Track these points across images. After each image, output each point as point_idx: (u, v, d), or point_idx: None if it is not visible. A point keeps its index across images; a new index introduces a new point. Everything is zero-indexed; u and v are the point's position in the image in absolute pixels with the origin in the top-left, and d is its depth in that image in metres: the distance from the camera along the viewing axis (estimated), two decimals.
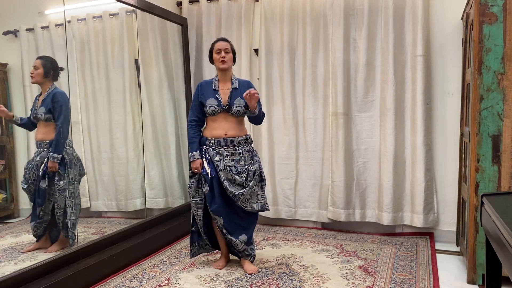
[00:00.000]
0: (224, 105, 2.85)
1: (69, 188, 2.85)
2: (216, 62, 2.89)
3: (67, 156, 2.84)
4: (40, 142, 2.80)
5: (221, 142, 2.86)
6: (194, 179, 2.89)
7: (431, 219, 3.55)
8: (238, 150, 2.87)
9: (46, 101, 2.77)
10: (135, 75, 3.64)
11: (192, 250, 3.05)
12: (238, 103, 2.85)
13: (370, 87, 3.68)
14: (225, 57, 2.85)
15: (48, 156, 2.76)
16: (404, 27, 3.54)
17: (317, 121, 3.84)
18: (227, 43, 2.90)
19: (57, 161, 2.76)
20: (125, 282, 2.78)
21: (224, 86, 2.91)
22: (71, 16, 3.11)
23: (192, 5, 4.23)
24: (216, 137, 2.86)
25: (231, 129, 2.86)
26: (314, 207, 3.91)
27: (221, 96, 2.87)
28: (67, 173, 2.84)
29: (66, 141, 2.84)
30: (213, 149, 2.86)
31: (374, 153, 3.70)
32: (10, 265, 2.58)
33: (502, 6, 2.48)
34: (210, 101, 2.86)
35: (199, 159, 2.86)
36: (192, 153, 2.88)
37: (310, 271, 2.91)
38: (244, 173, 2.85)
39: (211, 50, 2.94)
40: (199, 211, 2.91)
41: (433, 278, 2.76)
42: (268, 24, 3.93)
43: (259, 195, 2.94)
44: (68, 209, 2.84)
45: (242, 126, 2.94)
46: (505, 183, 2.53)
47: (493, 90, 2.52)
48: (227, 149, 2.85)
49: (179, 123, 4.16)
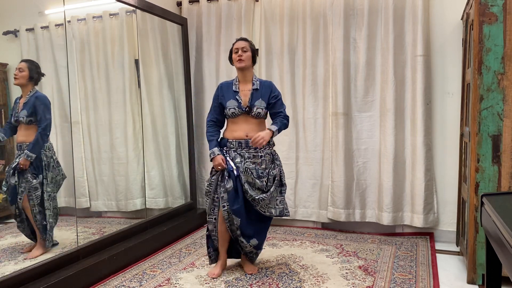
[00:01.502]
0: (245, 106, 2.78)
1: (47, 190, 2.83)
2: (234, 61, 2.83)
3: (45, 158, 2.83)
4: (20, 144, 2.78)
5: (242, 144, 2.78)
6: (216, 176, 2.79)
7: (431, 219, 3.55)
8: (260, 152, 2.79)
9: (27, 105, 2.76)
10: (135, 75, 3.64)
11: (211, 256, 2.93)
12: (259, 105, 2.79)
13: (370, 87, 3.68)
14: (242, 55, 2.78)
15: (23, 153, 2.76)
16: (404, 27, 3.54)
17: (317, 121, 3.84)
18: (246, 42, 2.82)
19: (30, 160, 2.75)
20: (125, 282, 2.78)
21: (244, 87, 2.84)
22: (71, 16, 3.11)
23: (192, 5, 4.23)
24: (237, 138, 2.79)
25: (252, 130, 2.77)
26: (314, 207, 3.91)
27: (242, 98, 2.80)
28: (44, 175, 2.82)
29: (46, 144, 2.84)
30: (234, 151, 2.79)
31: (374, 153, 3.70)
32: (10, 265, 2.58)
33: (502, 6, 2.48)
34: (231, 102, 2.79)
35: (219, 155, 2.76)
36: (211, 150, 2.79)
37: (310, 271, 2.91)
38: (264, 177, 2.78)
39: (231, 50, 2.87)
40: (215, 209, 2.82)
41: (433, 278, 2.76)
42: (268, 24, 3.93)
43: (278, 200, 2.86)
44: (47, 211, 2.83)
45: (263, 127, 2.85)
46: (505, 183, 2.53)
47: (493, 90, 2.52)
48: (249, 151, 2.78)
49: (179, 123, 4.16)
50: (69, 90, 2.90)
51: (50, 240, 2.85)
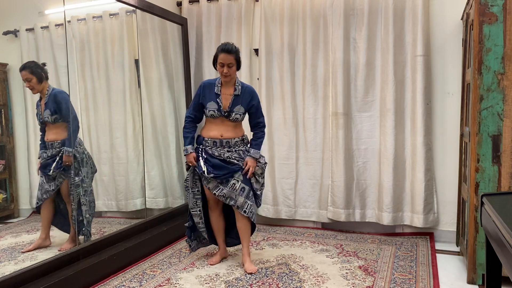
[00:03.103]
0: (224, 111, 2.87)
1: (82, 186, 2.89)
2: (220, 74, 2.87)
3: (78, 155, 2.88)
4: (51, 142, 2.84)
5: (217, 143, 2.90)
6: (190, 171, 2.96)
7: (431, 219, 3.55)
8: (234, 150, 2.91)
9: (48, 104, 2.80)
10: (135, 75, 3.64)
11: (190, 245, 3.12)
12: (237, 111, 2.88)
13: (370, 87, 3.68)
14: (228, 72, 2.81)
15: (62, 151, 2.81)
16: (404, 27, 3.54)
17: (317, 121, 3.84)
18: (231, 57, 2.80)
19: (70, 155, 2.80)
20: (125, 282, 2.78)
21: (226, 91, 2.90)
22: (71, 16, 3.11)
23: (192, 5, 4.23)
24: (212, 137, 2.91)
25: (227, 131, 2.90)
26: (314, 207, 3.91)
27: (222, 101, 2.88)
28: (80, 171, 2.88)
29: (77, 139, 2.89)
30: (209, 149, 2.90)
31: (374, 153, 3.70)
32: (10, 265, 2.58)
33: (502, 6, 2.48)
34: (211, 104, 2.87)
35: (192, 153, 2.92)
36: (185, 147, 2.95)
37: (310, 271, 2.91)
38: (240, 161, 2.90)
39: (215, 57, 2.86)
40: (198, 201, 2.98)
41: (433, 278, 2.76)
42: (268, 24, 3.93)
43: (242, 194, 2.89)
44: (83, 207, 2.89)
45: (239, 128, 2.98)
46: (505, 183, 2.53)
47: (493, 90, 2.52)
48: (223, 149, 2.89)
49: (179, 123, 4.16)
50: (69, 90, 2.90)
51: (88, 235, 2.93)
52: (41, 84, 2.78)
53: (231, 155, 2.88)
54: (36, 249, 2.79)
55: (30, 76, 2.73)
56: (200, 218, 3.01)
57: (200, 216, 3.01)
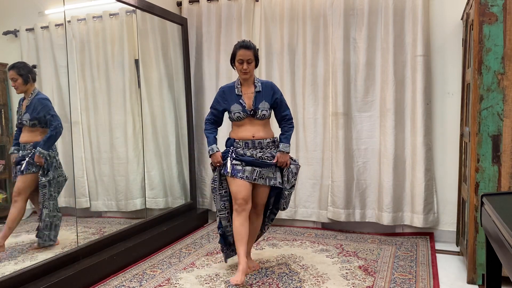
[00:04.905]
0: (249, 110, 2.76)
1: (49, 188, 2.86)
2: (238, 71, 2.78)
3: (48, 158, 2.85)
4: (24, 144, 2.81)
5: (249, 144, 2.76)
6: (217, 171, 2.80)
7: (431, 219, 3.55)
8: (266, 152, 2.78)
9: (29, 108, 2.79)
10: (135, 75, 3.64)
11: (226, 253, 2.96)
12: (263, 107, 2.77)
13: (370, 87, 3.68)
14: (247, 68, 2.74)
15: (33, 151, 2.79)
16: (404, 27, 3.54)
17: (317, 121, 3.84)
18: (250, 52, 2.72)
19: (43, 157, 2.79)
20: (125, 282, 2.78)
21: (247, 90, 2.80)
22: (71, 16, 3.11)
23: (192, 5, 4.23)
24: (243, 139, 2.77)
25: (258, 131, 2.78)
26: (314, 207, 3.91)
27: (245, 101, 2.78)
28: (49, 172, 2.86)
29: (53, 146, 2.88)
30: (241, 150, 2.76)
31: (374, 153, 3.70)
32: (10, 265, 2.58)
33: (502, 6, 2.48)
34: (235, 106, 2.76)
35: (218, 152, 2.77)
36: (210, 147, 2.79)
37: (310, 271, 2.91)
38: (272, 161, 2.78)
39: (233, 54, 2.77)
40: (226, 203, 2.82)
41: (433, 278, 2.76)
42: (268, 24, 3.93)
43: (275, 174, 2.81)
44: (44, 210, 2.85)
45: (269, 128, 2.86)
46: (505, 183, 2.53)
47: (493, 90, 2.52)
48: (255, 150, 2.76)
49: (179, 123, 4.16)
50: (69, 90, 2.90)
51: (45, 239, 2.87)
52: (26, 86, 2.78)
53: (263, 155, 2.75)
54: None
55: (17, 76, 2.74)
56: (228, 221, 2.83)
57: (228, 219, 2.82)
